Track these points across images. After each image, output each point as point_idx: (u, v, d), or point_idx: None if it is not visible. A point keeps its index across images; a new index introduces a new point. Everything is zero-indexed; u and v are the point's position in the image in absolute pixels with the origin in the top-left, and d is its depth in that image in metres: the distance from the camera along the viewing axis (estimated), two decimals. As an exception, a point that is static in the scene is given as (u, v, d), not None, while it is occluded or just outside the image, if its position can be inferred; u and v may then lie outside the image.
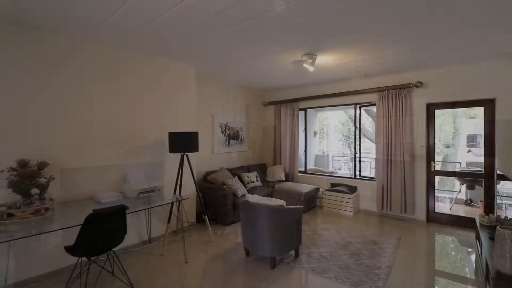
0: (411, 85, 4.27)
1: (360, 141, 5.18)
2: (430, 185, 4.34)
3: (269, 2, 2.14)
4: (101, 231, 2.15)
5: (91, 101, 3.02)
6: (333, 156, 9.09)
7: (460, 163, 7.69)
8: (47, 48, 2.69)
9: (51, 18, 2.44)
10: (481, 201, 4.46)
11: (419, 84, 4.23)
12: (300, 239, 3.12)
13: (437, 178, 4.47)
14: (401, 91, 4.38)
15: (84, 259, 2.45)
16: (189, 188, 4.03)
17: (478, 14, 2.37)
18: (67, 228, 2.10)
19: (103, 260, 2.84)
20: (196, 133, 3.53)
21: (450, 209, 5.20)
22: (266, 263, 2.97)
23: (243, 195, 4.32)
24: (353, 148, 5.37)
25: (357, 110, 5.12)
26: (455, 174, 5.51)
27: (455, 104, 4.21)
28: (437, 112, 4.39)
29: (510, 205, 3.01)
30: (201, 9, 2.28)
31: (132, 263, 2.98)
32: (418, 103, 4.34)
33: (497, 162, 3.71)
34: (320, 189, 5.32)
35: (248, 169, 5.44)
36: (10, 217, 2.15)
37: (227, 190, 4.13)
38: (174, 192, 3.49)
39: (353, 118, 5.34)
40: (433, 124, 4.34)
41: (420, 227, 4.14)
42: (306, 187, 4.99)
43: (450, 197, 5.87)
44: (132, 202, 2.81)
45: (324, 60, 3.69)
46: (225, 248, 3.40)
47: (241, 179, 4.95)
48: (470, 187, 5.26)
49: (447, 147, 8.76)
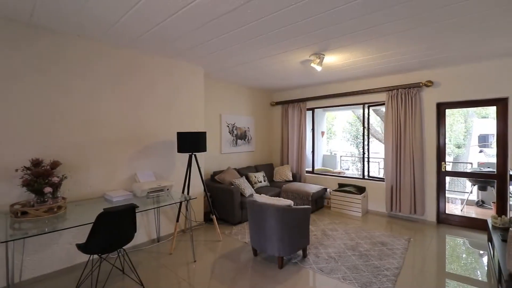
0: (420, 84, 4.21)
1: (368, 141, 5.13)
2: (441, 186, 4.27)
3: (277, 2, 2.15)
4: (112, 229, 2.19)
5: (101, 102, 3.07)
6: (340, 156, 9.03)
7: (471, 163, 7.54)
8: (58, 50, 2.75)
9: (63, 21, 2.50)
10: (493, 202, 4.36)
11: (429, 83, 4.16)
12: (308, 239, 3.11)
13: (447, 178, 4.39)
14: (410, 90, 4.32)
15: (95, 256, 2.51)
16: (197, 188, 4.07)
17: (491, 11, 2.33)
18: (79, 226, 2.14)
19: (114, 258, 2.90)
20: (204, 133, 3.56)
21: (461, 210, 5.10)
22: (274, 263, 2.97)
23: (251, 195, 4.33)
24: (361, 148, 5.32)
25: (366, 110, 5.07)
26: (466, 174, 5.40)
27: (466, 104, 4.13)
28: (448, 111, 4.31)
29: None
30: (209, 10, 2.30)
31: (141, 261, 3.02)
32: (428, 102, 4.27)
33: (510, 163, 3.63)
34: (327, 190, 5.29)
35: (255, 169, 5.45)
36: (24, 215, 2.21)
37: (235, 190, 4.15)
38: (183, 192, 3.52)
39: (361, 118, 5.29)
40: (443, 124, 4.27)
41: (430, 228, 4.07)
42: (313, 187, 4.96)
43: (461, 198, 5.77)
44: (142, 201, 2.85)
45: (332, 59, 3.67)
46: (233, 247, 3.41)
47: (248, 179, 4.96)
48: (482, 188, 5.15)
49: (458, 147, 8.60)
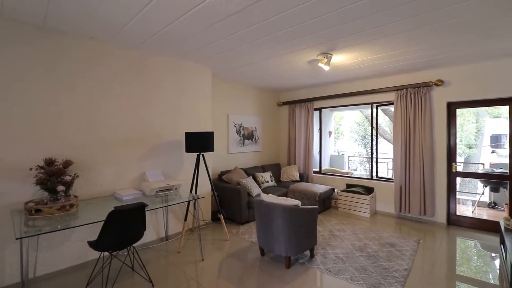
0: (430, 83, 4.14)
1: (377, 141, 5.07)
2: (451, 186, 4.19)
3: (285, 2, 2.15)
4: (122, 227, 2.24)
5: (111, 102, 3.13)
6: (348, 156, 8.96)
7: (483, 164, 7.38)
8: (70, 52, 2.81)
9: (75, 24, 2.55)
10: (506, 204, 4.26)
11: (439, 82, 4.10)
12: (316, 239, 3.10)
13: (458, 179, 4.31)
14: (420, 89, 4.26)
15: (106, 254, 2.56)
16: (205, 187, 4.10)
17: (500, 9, 2.28)
18: (90, 223, 2.19)
19: (123, 256, 2.95)
20: (212, 133, 3.59)
21: (472, 212, 5.00)
22: (281, 262, 2.98)
23: (258, 195, 4.34)
24: (370, 148, 5.27)
25: (374, 110, 5.02)
26: (478, 175, 5.29)
27: (478, 103, 4.05)
28: (458, 111, 4.24)
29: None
30: (216, 11, 2.32)
31: (150, 259, 3.06)
32: (438, 102, 4.20)
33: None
34: (335, 190, 5.25)
35: (262, 169, 5.46)
36: (38, 213, 2.27)
37: (242, 190, 4.16)
38: (191, 191, 3.56)
39: (370, 117, 5.24)
40: (454, 124, 4.19)
41: (440, 230, 4.01)
42: (321, 188, 4.94)
43: (473, 199, 5.65)
44: (151, 200, 2.89)
45: (339, 59, 3.65)
46: (240, 247, 3.43)
47: (255, 179, 4.97)
48: (494, 189, 5.04)
49: (469, 147, 8.43)
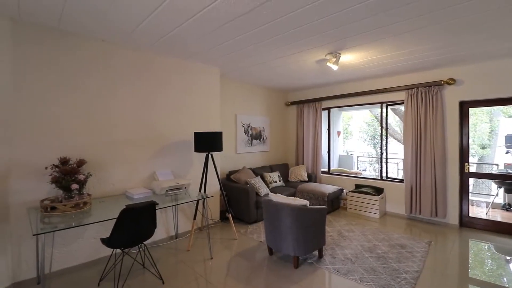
0: (442, 82, 4.07)
1: (386, 141, 5.01)
2: (464, 187, 4.10)
3: (293, 2, 2.16)
4: (133, 225, 2.29)
5: (122, 103, 3.20)
6: (357, 156, 8.87)
7: (497, 165, 7.19)
8: (82, 55, 2.89)
9: (88, 26, 2.63)
10: (522, 206, 4.14)
11: (451, 81, 4.01)
12: (324, 240, 3.09)
13: (471, 180, 4.21)
14: (431, 88, 4.19)
15: (118, 251, 2.62)
16: (213, 187, 4.14)
17: (519, 5, 2.22)
18: (103, 221, 2.25)
19: (135, 253, 3.01)
20: (220, 133, 3.62)
21: (486, 213, 4.88)
22: (289, 262, 2.98)
23: (266, 195, 4.35)
24: (379, 148, 5.21)
25: (384, 109, 4.96)
26: (491, 176, 5.15)
27: (492, 102, 3.95)
28: (471, 110, 4.14)
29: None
30: (225, 12, 2.34)
31: (160, 256, 3.12)
32: (450, 101, 4.12)
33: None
34: (344, 190, 5.21)
35: (270, 169, 5.46)
36: (53, 210, 2.35)
37: (250, 189, 4.18)
38: (200, 190, 3.60)
39: (379, 117, 5.18)
40: (466, 124, 4.10)
41: (452, 231, 3.93)
42: (329, 188, 4.91)
43: (486, 201, 5.51)
44: (161, 198, 2.94)
45: (348, 58, 3.62)
46: (248, 246, 3.45)
47: (263, 178, 4.98)
48: (508, 190, 4.90)
49: (483, 148, 8.22)
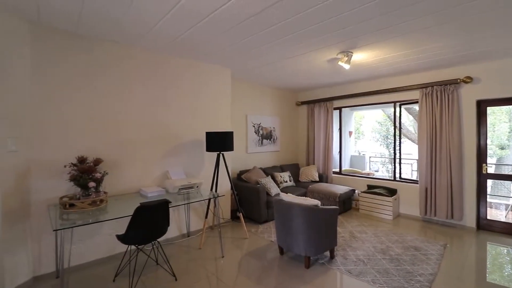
0: (458, 80, 3.95)
1: (400, 142, 4.91)
2: (481, 189, 3.97)
3: (304, 2, 2.15)
4: (148, 222, 2.34)
5: (135, 104, 3.28)
6: (370, 157, 8.72)
7: (517, 166, 6.91)
8: (97, 57, 2.98)
9: (104, 30, 2.71)
10: (544, 208, 3.97)
11: (468, 79, 3.90)
12: (336, 240, 3.06)
13: (489, 182, 4.07)
14: (447, 87, 4.08)
15: (133, 247, 2.69)
16: (224, 186, 4.18)
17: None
18: (119, 218, 2.32)
19: (148, 250, 3.08)
20: (232, 132, 3.65)
21: (505, 216, 4.71)
22: (300, 262, 2.97)
23: (277, 194, 4.36)
24: (392, 149, 5.11)
25: (397, 109, 4.87)
26: (511, 178, 4.96)
27: (511, 101, 3.82)
28: (489, 109, 4.00)
29: None
30: (236, 14, 2.36)
31: (173, 254, 3.17)
32: (467, 100, 4.00)
33: None
34: (356, 191, 5.15)
35: (281, 168, 5.46)
36: (71, 207, 2.43)
37: (261, 189, 4.19)
38: (211, 189, 3.64)
39: (392, 117, 5.08)
40: (484, 123, 3.97)
41: (469, 234, 3.81)
42: (341, 188, 4.86)
43: (505, 203, 5.31)
44: (173, 197, 3.00)
45: (360, 57, 3.58)
46: (259, 245, 3.46)
47: (274, 178, 4.99)
48: (530, 193, 4.71)
49: (502, 148, 7.92)
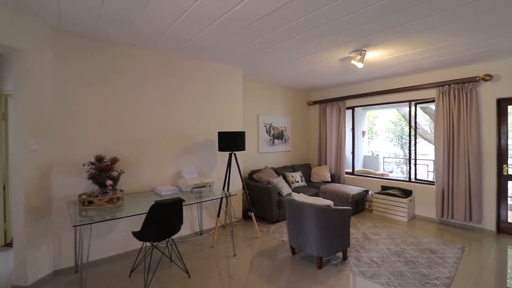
0: (477, 78, 3.82)
1: (415, 142, 4.79)
2: (502, 191, 3.82)
3: (317, 1, 2.15)
4: (162, 220, 2.40)
5: (150, 104, 3.36)
6: (383, 157, 8.55)
7: (542, 167, 6.59)
8: (115, 59, 3.08)
9: (120, 33, 2.79)
10: None
11: (487, 77, 3.76)
12: (349, 241, 3.03)
13: (510, 183, 3.91)
14: (465, 85, 3.95)
15: (148, 244, 2.75)
16: (236, 186, 4.21)
17: None
18: (135, 215, 2.38)
19: (162, 247, 3.15)
20: (243, 132, 3.67)
21: (528, 220, 4.50)
22: (312, 262, 2.96)
23: (289, 194, 4.35)
24: (407, 149, 4.99)
25: (412, 108, 4.75)
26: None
27: (536, 99, 3.65)
28: (510, 108, 3.84)
29: None
30: (247, 15, 2.38)
31: (186, 251, 3.23)
32: (486, 98, 3.85)
33: None
34: (369, 192, 5.06)
35: (292, 168, 5.44)
36: (90, 204, 2.53)
37: (273, 189, 4.20)
38: (223, 189, 3.68)
39: (407, 116, 4.97)
40: (505, 122, 3.81)
41: (489, 238, 3.67)
42: (354, 189, 4.79)
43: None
44: (186, 195, 3.05)
45: (374, 55, 3.52)
46: (271, 245, 3.47)
47: (285, 178, 4.98)
48: (555, 195, 4.48)
49: (524, 148, 7.58)
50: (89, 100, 2.90)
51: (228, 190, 3.66)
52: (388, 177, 5.39)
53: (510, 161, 3.85)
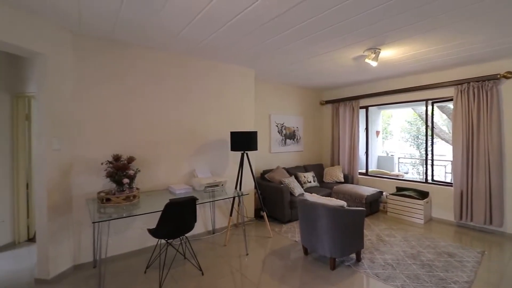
0: (498, 76, 3.67)
1: (432, 142, 4.66)
2: (526, 193, 3.66)
3: (328, 0, 2.13)
4: (177, 218, 2.45)
5: (164, 105, 3.43)
6: (398, 158, 8.35)
7: None
8: (131, 60, 3.17)
9: (137, 35, 2.87)
10: None
11: (509, 75, 3.60)
12: (362, 243, 2.98)
13: (535, 185, 3.74)
14: (485, 83, 3.80)
15: (162, 241, 2.82)
16: (248, 185, 4.24)
17: None
18: (151, 213, 2.45)
19: (177, 245, 3.21)
20: (256, 132, 3.69)
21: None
22: (325, 263, 2.93)
23: (301, 194, 4.33)
24: (424, 149, 4.86)
25: (429, 107, 4.62)
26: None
27: (563, 97, 3.47)
28: (536, 106, 3.68)
29: None
30: (260, 15, 2.40)
31: (199, 249, 3.28)
32: (509, 96, 3.69)
33: None
34: (384, 193, 4.96)
35: (304, 169, 5.41)
36: (107, 201, 2.61)
37: (285, 189, 4.19)
38: (235, 188, 3.71)
39: (424, 115, 4.84)
40: (529, 121, 3.65)
41: (510, 242, 3.52)
42: (367, 190, 4.71)
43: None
44: (200, 194, 3.10)
45: (389, 53, 3.45)
46: (283, 245, 3.46)
47: (297, 178, 4.96)
48: None
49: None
50: (106, 101, 2.99)
51: (240, 189, 3.69)
52: (403, 178, 5.26)
53: (534, 162, 3.68)
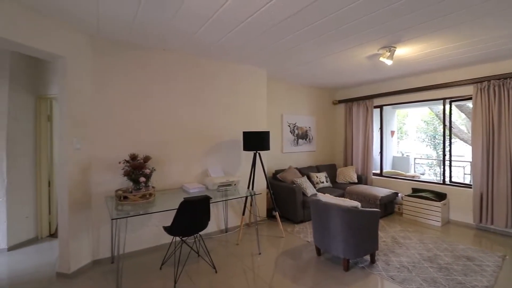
0: (522, 73, 3.52)
1: (450, 142, 4.52)
2: (552, 196, 3.49)
3: (344, -2, 2.12)
4: (191, 216, 2.50)
5: (178, 105, 3.50)
6: (414, 158, 8.13)
7: None
8: (146, 62, 3.25)
9: (152, 39, 2.95)
10: None
11: (534, 72, 3.46)
12: (377, 244, 2.94)
13: (562, 188, 3.56)
14: (506, 81, 3.65)
15: (177, 239, 2.88)
16: (260, 185, 4.25)
17: None
18: (166, 211, 2.51)
19: (191, 242, 3.27)
20: (268, 132, 3.70)
21: None
22: (338, 264, 2.91)
23: (314, 195, 4.30)
24: (441, 150, 4.72)
25: (447, 106, 4.49)
26: None
27: None
28: None
29: None
30: (273, 15, 2.40)
31: (212, 247, 3.33)
32: (533, 95, 3.54)
33: None
34: (399, 194, 4.86)
35: (317, 169, 5.37)
36: (125, 199, 2.70)
37: (297, 189, 4.18)
38: (248, 188, 3.73)
39: (441, 115, 4.70)
40: (556, 121, 3.48)
41: (536, 246, 3.37)
42: (382, 191, 4.63)
43: None
44: (213, 193, 3.14)
45: (404, 51, 3.38)
46: (295, 245, 3.46)
47: (310, 179, 4.93)
48: None
49: None
50: (122, 102, 3.09)
51: (252, 189, 3.71)
52: (419, 179, 5.13)
53: (561, 163, 3.50)
